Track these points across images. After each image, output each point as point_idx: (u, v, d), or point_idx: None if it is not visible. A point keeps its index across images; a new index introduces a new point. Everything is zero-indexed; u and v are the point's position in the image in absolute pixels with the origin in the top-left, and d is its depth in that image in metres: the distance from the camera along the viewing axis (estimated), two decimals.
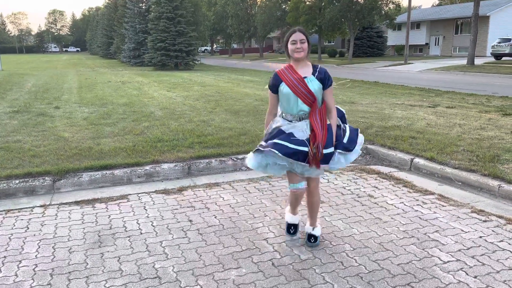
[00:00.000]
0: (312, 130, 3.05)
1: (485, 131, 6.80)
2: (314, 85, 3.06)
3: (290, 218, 3.47)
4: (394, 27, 42.57)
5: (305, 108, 3.07)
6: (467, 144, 5.92)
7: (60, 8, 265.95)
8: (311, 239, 3.35)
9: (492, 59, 30.81)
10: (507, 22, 37.86)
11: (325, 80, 3.10)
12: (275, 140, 3.02)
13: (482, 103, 10.27)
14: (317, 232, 3.36)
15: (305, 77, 3.07)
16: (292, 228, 3.47)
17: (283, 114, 3.17)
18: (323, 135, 3.03)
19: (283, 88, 3.07)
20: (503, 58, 30.17)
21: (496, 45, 30.65)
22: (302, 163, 3.01)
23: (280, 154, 2.95)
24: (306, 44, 3.04)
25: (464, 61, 27.64)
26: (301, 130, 3.07)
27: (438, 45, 44.15)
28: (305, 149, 2.99)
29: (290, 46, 3.06)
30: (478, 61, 27.79)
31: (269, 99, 3.22)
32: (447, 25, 42.75)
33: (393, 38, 47.66)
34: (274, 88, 3.13)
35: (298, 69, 3.10)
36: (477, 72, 22.38)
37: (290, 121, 3.12)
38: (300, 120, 3.10)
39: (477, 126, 7.26)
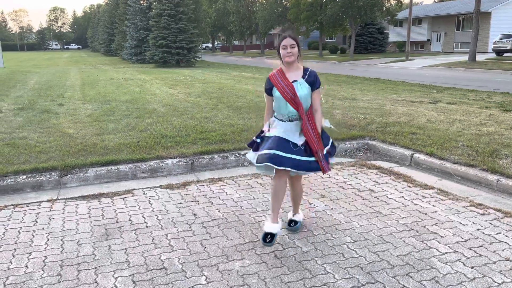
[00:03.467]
0: (306, 139, 3.22)
1: (485, 127, 6.86)
2: (303, 88, 3.23)
3: (268, 226, 3.22)
4: (395, 24, 42.55)
5: (294, 111, 3.26)
6: (467, 139, 5.99)
7: (61, 5, 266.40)
8: (291, 223, 3.57)
9: (494, 55, 30.78)
10: (508, 18, 37.78)
11: (313, 83, 3.28)
12: (266, 151, 3.17)
13: (483, 99, 10.33)
14: (298, 218, 3.59)
15: (295, 81, 3.25)
16: (268, 237, 3.18)
17: (276, 114, 3.40)
18: (318, 140, 3.23)
19: (275, 92, 3.30)
20: (505, 54, 30.13)
21: (498, 41, 30.62)
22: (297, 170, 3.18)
23: (275, 166, 3.11)
24: (296, 49, 3.21)
25: (465, 57, 27.61)
26: (292, 132, 3.27)
27: (439, 41, 44.10)
28: (298, 157, 3.16)
29: (281, 51, 3.24)
30: (479, 57, 27.79)
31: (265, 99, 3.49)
32: (448, 21, 42.69)
33: (395, 34, 47.59)
34: (269, 91, 3.36)
35: (290, 73, 3.28)
36: (479, 68, 22.40)
37: (281, 120, 3.33)
38: (289, 121, 3.30)
39: (477, 122, 7.33)
